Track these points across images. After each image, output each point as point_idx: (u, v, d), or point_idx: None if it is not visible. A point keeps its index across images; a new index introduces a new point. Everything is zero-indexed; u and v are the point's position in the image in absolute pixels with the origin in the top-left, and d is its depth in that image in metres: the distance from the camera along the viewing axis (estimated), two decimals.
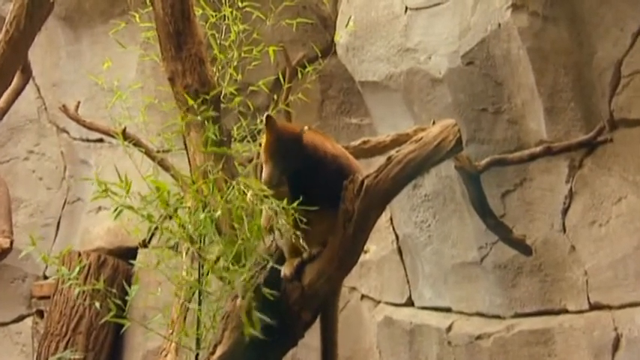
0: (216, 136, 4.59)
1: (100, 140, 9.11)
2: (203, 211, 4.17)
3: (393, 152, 4.42)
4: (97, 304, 4.45)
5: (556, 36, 6.32)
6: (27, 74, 7.88)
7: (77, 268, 4.29)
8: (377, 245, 7.94)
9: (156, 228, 4.21)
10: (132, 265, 7.98)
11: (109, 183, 4.09)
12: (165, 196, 4.12)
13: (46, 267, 9.44)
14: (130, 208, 4.07)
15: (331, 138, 4.48)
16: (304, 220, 4.05)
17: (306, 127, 4.12)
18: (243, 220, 4.23)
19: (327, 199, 4.14)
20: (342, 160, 4.31)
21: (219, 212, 4.18)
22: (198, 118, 4.67)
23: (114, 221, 4.60)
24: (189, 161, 4.89)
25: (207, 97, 4.76)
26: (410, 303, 7.70)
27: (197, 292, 4.43)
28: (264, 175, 4.04)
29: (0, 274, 9.51)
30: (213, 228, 4.19)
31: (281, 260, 4.28)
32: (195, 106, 4.72)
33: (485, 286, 7.05)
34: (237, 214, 4.13)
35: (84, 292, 4.46)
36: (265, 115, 4.09)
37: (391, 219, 7.89)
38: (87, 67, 9.01)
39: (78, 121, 7.68)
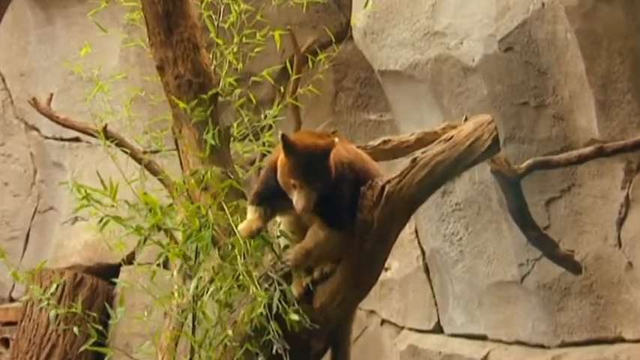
0: (212, 134, 4.62)
1: (77, 139, 9.15)
2: (198, 221, 4.20)
3: (418, 153, 4.44)
4: (76, 330, 4.46)
5: (610, 17, 6.33)
6: None
7: (53, 287, 4.32)
8: (400, 262, 7.95)
9: (145, 240, 4.24)
10: (114, 284, 8.00)
11: (90, 189, 4.11)
12: (156, 208, 4.14)
13: (13, 287, 9.48)
14: (117, 219, 4.10)
15: (344, 138, 4.49)
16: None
17: (336, 139, 4.14)
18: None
19: (341, 209, 4.17)
20: (358, 164, 4.34)
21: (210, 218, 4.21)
22: (192, 113, 4.69)
23: (93, 234, 4.62)
24: (181, 164, 4.92)
25: (203, 90, 4.80)
26: (438, 329, 7.71)
27: (190, 316, 4.45)
28: (299, 204, 4.03)
29: None
30: (209, 241, 4.22)
31: (287, 279, 4.29)
32: (189, 100, 4.75)
33: (526, 309, 7.06)
34: (237, 224, 4.16)
35: (57, 316, 4.48)
36: (281, 135, 4.10)
37: (416, 231, 7.90)
38: (61, 53, 9.07)
39: (50, 116, 7.69)
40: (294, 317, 4.08)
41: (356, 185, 4.23)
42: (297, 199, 4.03)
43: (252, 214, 4.24)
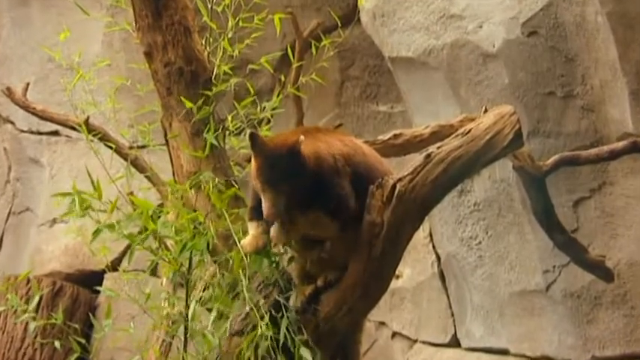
0: (210, 131, 4.63)
1: (55, 133, 9.16)
2: (190, 224, 4.21)
3: (433, 149, 4.44)
4: (57, 344, 4.47)
5: None
6: None
7: (37, 298, 4.32)
8: (412, 268, 7.95)
9: (128, 247, 4.25)
10: (97, 293, 8.01)
11: (80, 192, 4.13)
12: (147, 214, 4.16)
13: None
14: (111, 227, 4.11)
15: (344, 132, 4.48)
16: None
17: (301, 137, 4.11)
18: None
19: (340, 201, 4.18)
20: (357, 157, 4.33)
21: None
22: (183, 104, 4.70)
23: (74, 238, 4.63)
24: (171, 160, 4.92)
25: (196, 79, 4.81)
26: (455, 343, 7.72)
27: (182, 328, 4.46)
28: (265, 209, 4.05)
29: None
30: (205, 248, 4.23)
31: (289, 287, 4.32)
32: (179, 90, 4.76)
33: (552, 321, 7.07)
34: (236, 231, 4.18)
35: (34, 328, 4.49)
36: (249, 133, 4.11)
37: (431, 235, 7.91)
38: (37, 38, 9.06)
39: (26, 107, 7.71)
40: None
41: (357, 180, 4.23)
42: (263, 205, 4.05)
43: (254, 229, 4.25)
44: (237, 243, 4.25)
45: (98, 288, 5.18)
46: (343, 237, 4.22)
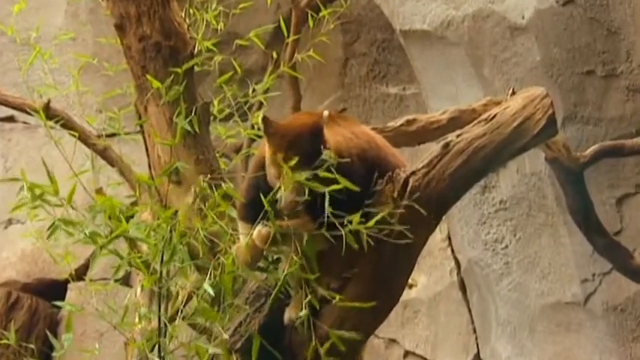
0: (187, 116, 4.61)
1: (11, 119, 9.16)
2: (168, 224, 4.21)
3: (451, 137, 4.43)
4: None
5: None
6: None
7: None
8: (428, 276, 7.97)
9: (101, 250, 4.25)
10: (58, 307, 8.01)
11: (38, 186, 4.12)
12: (115, 212, 4.16)
13: None
14: (69, 223, 4.11)
15: (354, 119, 4.48)
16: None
17: (325, 113, 4.12)
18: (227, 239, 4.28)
19: (350, 207, 4.16)
20: (372, 152, 4.32)
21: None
22: (161, 86, 4.70)
23: (32, 242, 4.61)
24: (146, 151, 4.93)
25: (175, 56, 4.81)
26: None
27: (157, 346, 4.46)
28: (284, 198, 4.03)
29: None
30: (185, 250, 4.23)
31: (284, 298, 4.30)
32: (157, 68, 4.76)
33: (592, 338, 7.07)
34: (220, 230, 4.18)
35: None
36: (261, 117, 4.10)
37: (449, 237, 7.93)
38: None
39: None
40: None
41: (369, 180, 4.22)
42: (282, 195, 4.02)
43: (246, 230, 4.23)
44: (227, 249, 4.24)
45: (58, 303, 5.15)
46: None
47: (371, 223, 4.05)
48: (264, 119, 4.09)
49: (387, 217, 4.15)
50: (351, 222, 4.04)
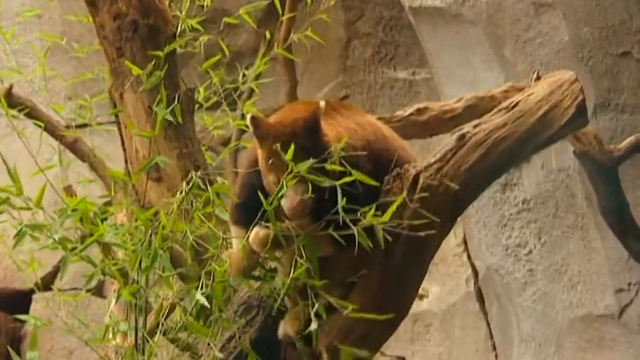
0: (167, 104, 4.60)
1: None
2: (148, 227, 4.20)
3: (468, 128, 4.44)
4: None
5: None
6: None
7: None
8: (442, 286, 7.99)
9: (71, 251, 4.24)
10: (22, 321, 8.02)
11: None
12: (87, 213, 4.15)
13: None
14: (37, 227, 4.10)
15: (357, 108, 4.49)
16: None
17: (322, 103, 4.11)
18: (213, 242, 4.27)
19: (354, 209, 4.14)
20: (378, 145, 4.32)
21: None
22: (139, 70, 4.67)
23: None
24: (122, 143, 4.92)
25: (155, 36, 4.80)
26: None
27: None
28: (287, 203, 4.03)
29: None
30: (167, 256, 4.22)
31: (279, 310, 4.29)
32: (133, 50, 4.74)
33: (628, 355, 7.07)
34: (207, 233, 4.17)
35: None
36: (249, 117, 4.12)
37: (465, 242, 7.94)
38: None
39: None
40: None
41: (375, 177, 4.17)
42: (284, 200, 4.02)
43: (240, 234, 4.23)
44: (217, 255, 4.23)
45: (22, 317, 5.14)
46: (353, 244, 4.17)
47: (385, 217, 4.02)
48: (253, 119, 4.11)
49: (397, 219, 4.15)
50: (360, 219, 4.03)
